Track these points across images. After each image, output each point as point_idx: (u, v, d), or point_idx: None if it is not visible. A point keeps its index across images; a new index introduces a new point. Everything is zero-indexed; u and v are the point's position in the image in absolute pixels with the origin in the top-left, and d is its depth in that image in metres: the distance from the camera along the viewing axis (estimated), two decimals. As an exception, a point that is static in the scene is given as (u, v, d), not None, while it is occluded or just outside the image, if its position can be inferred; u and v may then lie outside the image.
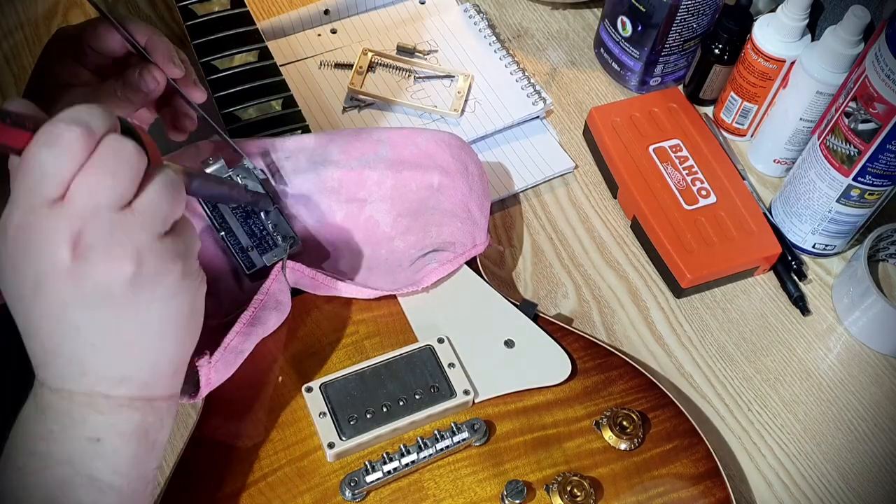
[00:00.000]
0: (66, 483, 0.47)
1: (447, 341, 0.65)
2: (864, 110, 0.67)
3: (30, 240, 0.44)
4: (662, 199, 0.78)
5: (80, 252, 0.44)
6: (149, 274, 0.46)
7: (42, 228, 0.44)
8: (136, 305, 0.46)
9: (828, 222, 0.76)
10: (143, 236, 0.46)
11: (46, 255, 0.44)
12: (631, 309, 0.76)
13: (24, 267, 0.45)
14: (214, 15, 0.77)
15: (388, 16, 0.91)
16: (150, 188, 0.46)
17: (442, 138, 0.71)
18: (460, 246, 0.69)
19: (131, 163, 0.45)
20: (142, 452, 0.50)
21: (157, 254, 0.46)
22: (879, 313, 0.73)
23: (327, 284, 0.65)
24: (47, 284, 0.45)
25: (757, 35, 0.79)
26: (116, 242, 0.45)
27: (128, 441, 0.49)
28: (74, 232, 0.44)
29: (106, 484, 0.48)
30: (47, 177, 0.43)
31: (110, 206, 0.45)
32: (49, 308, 0.45)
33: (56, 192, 0.44)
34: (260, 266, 0.65)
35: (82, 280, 0.45)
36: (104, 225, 0.44)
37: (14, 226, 0.44)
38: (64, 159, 0.43)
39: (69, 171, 0.44)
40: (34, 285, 0.45)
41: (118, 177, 0.44)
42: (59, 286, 0.45)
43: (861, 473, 0.70)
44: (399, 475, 0.59)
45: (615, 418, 0.62)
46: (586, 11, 0.96)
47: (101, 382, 0.48)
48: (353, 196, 0.69)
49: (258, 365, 0.63)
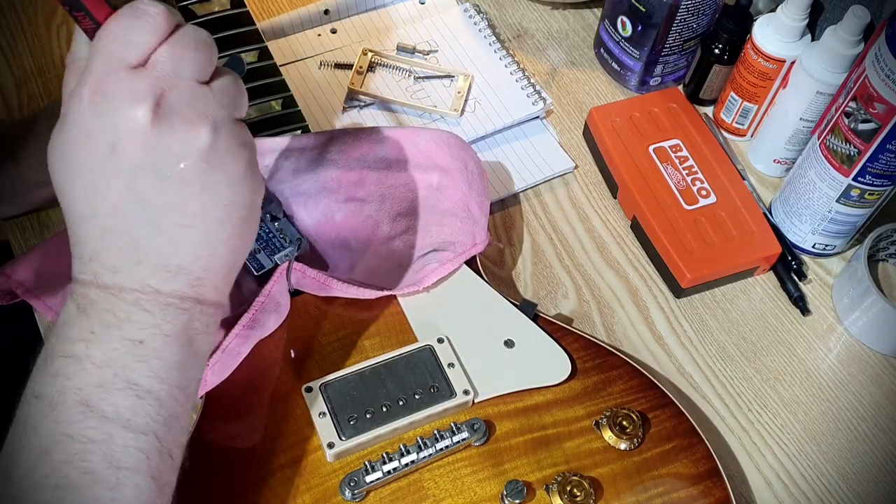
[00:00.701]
0: (104, 386, 0.46)
1: (447, 341, 0.65)
2: (864, 110, 0.67)
3: (108, 101, 0.44)
4: (662, 199, 0.78)
5: (161, 113, 0.44)
6: (223, 149, 0.46)
7: (123, 89, 0.44)
8: (204, 182, 0.46)
9: (828, 222, 0.76)
10: (220, 111, 0.46)
11: (126, 115, 0.44)
12: (631, 309, 0.76)
13: (98, 129, 0.45)
14: (214, 15, 0.77)
15: (388, 16, 0.91)
16: (225, 75, 0.47)
17: (441, 137, 0.71)
18: (461, 245, 0.69)
19: (209, 45, 0.46)
20: (184, 359, 0.49)
21: (231, 132, 0.47)
22: (879, 313, 0.73)
23: (329, 286, 0.65)
24: (123, 146, 0.45)
25: (757, 35, 0.79)
26: (196, 110, 0.45)
27: (171, 345, 0.48)
28: (156, 93, 0.44)
29: (145, 389, 0.47)
30: (131, 44, 0.44)
31: (191, 76, 0.46)
32: (120, 175, 0.45)
33: (137, 60, 0.45)
34: (270, 267, 0.65)
35: (159, 143, 0.45)
36: (185, 92, 0.45)
37: (90, 89, 0.44)
38: (148, 31, 0.45)
39: (152, 43, 0.45)
40: (108, 149, 0.45)
41: (200, 52, 0.46)
42: (136, 148, 0.45)
43: (861, 473, 0.70)
44: (399, 475, 0.59)
45: (615, 418, 0.62)
46: (586, 11, 0.96)
47: (155, 274, 0.47)
48: (352, 196, 0.69)
49: (258, 365, 0.63)
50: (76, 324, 0.47)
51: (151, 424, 0.47)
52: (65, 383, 0.46)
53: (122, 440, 0.46)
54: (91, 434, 0.45)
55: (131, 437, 0.46)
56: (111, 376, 0.46)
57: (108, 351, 0.46)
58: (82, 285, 0.47)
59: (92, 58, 0.45)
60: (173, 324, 0.48)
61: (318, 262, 0.69)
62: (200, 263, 0.48)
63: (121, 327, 0.47)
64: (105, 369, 0.46)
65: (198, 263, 0.48)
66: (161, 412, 0.47)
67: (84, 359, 0.46)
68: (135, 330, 0.47)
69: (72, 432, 0.45)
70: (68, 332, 0.47)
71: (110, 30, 0.45)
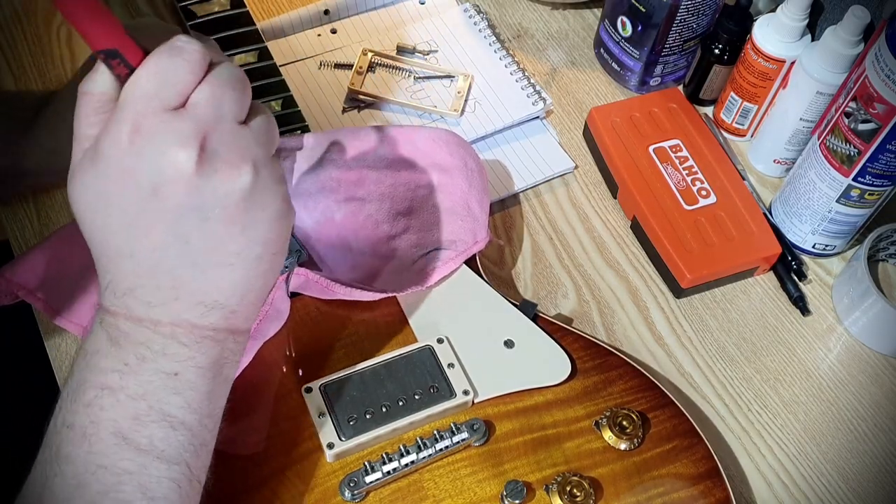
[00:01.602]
0: (139, 418, 0.46)
1: (447, 341, 0.65)
2: (864, 110, 0.67)
3: (151, 142, 0.44)
4: (662, 200, 0.78)
5: (205, 157, 0.44)
6: (263, 188, 0.46)
7: (166, 131, 0.44)
8: (245, 222, 0.46)
9: (828, 222, 0.76)
10: (259, 150, 0.46)
11: (170, 158, 0.44)
12: (631, 309, 0.76)
13: (139, 170, 0.44)
14: (214, 15, 0.77)
15: (388, 16, 0.91)
16: (260, 113, 0.47)
17: (440, 136, 0.72)
18: (462, 243, 0.69)
19: (245, 84, 0.46)
20: (215, 388, 0.49)
21: (270, 171, 0.47)
22: (879, 313, 0.73)
23: (332, 290, 0.65)
24: (167, 188, 0.44)
25: (757, 35, 0.79)
26: (238, 151, 0.45)
27: (204, 375, 0.48)
28: (200, 136, 0.44)
29: (179, 421, 0.47)
30: (169, 84, 0.44)
31: (232, 117, 0.45)
32: (162, 217, 0.45)
33: (177, 101, 0.44)
34: None
35: (204, 186, 0.45)
36: (226, 133, 0.45)
37: (130, 130, 0.44)
38: (187, 70, 0.44)
39: (191, 82, 0.44)
40: (151, 191, 0.44)
41: (238, 91, 0.46)
42: (180, 191, 0.44)
43: (861, 473, 0.70)
44: (399, 475, 0.59)
45: (615, 418, 0.62)
46: (586, 11, 0.96)
47: (192, 309, 0.47)
48: (352, 195, 0.69)
49: (258, 366, 0.63)
50: (109, 354, 0.47)
51: (183, 454, 0.48)
52: (99, 414, 0.46)
53: (156, 471, 0.46)
54: (126, 465, 0.46)
55: (164, 468, 0.47)
56: (146, 408, 0.47)
57: (142, 383, 0.47)
58: (112, 315, 0.47)
59: (128, 96, 0.44)
60: (207, 356, 0.48)
61: (318, 262, 0.69)
62: (237, 298, 0.48)
63: (155, 360, 0.47)
64: (140, 401, 0.47)
65: (234, 298, 0.48)
66: (193, 441, 0.48)
67: (118, 390, 0.46)
68: (169, 362, 0.47)
69: (106, 464, 0.46)
70: (100, 363, 0.47)
71: (149, 69, 0.44)
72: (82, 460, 0.46)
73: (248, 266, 0.48)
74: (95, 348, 0.47)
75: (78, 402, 0.47)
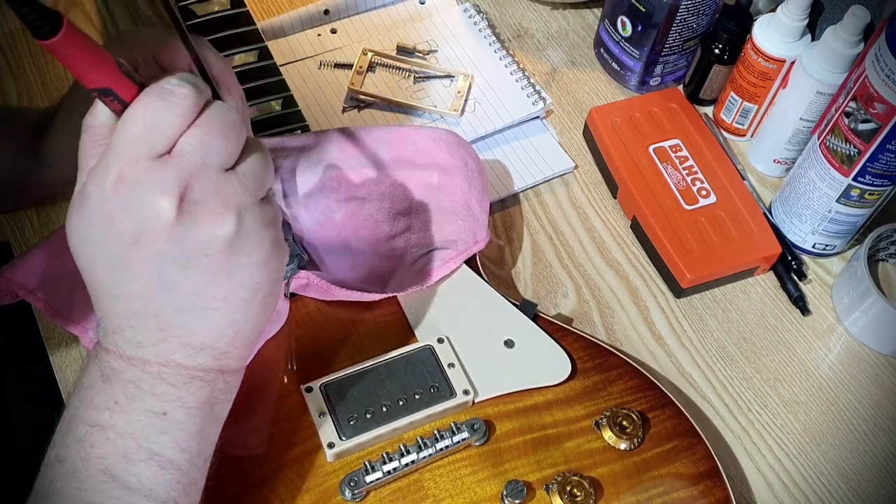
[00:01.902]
0: (127, 457, 0.47)
1: (447, 341, 0.65)
2: (864, 110, 0.67)
3: (133, 191, 0.44)
4: (662, 199, 0.78)
5: (186, 207, 0.44)
6: (247, 235, 0.46)
7: (148, 180, 0.43)
8: (230, 268, 0.46)
9: (828, 222, 0.76)
10: (245, 198, 0.46)
11: (151, 207, 0.44)
12: (631, 309, 0.76)
13: (122, 220, 0.44)
14: (214, 15, 0.77)
15: (388, 16, 0.91)
16: (252, 155, 0.46)
17: (440, 136, 0.72)
18: (462, 243, 0.69)
19: (237, 128, 0.45)
20: (206, 427, 0.49)
21: (256, 216, 0.46)
22: (879, 313, 0.73)
23: (333, 292, 0.65)
24: (147, 237, 0.44)
25: (757, 35, 0.79)
26: (221, 200, 0.45)
27: (193, 416, 0.48)
28: (182, 185, 0.44)
29: (167, 460, 0.47)
30: (157, 129, 0.43)
31: (218, 165, 0.45)
32: (144, 265, 0.45)
33: (163, 146, 0.44)
34: None
35: (185, 235, 0.44)
36: (210, 183, 0.45)
37: (114, 178, 0.44)
38: (176, 114, 0.44)
39: (179, 126, 0.44)
40: (132, 239, 0.44)
41: (227, 138, 0.45)
42: (160, 240, 0.44)
43: (861, 473, 0.70)
44: (399, 475, 0.59)
45: (615, 418, 0.62)
46: (586, 11, 0.96)
47: (180, 350, 0.47)
48: (352, 195, 0.69)
49: (258, 366, 0.63)
50: (101, 391, 0.47)
51: (171, 493, 0.48)
52: (89, 451, 0.47)
53: None
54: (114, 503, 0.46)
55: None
56: (134, 447, 0.47)
57: (131, 422, 0.47)
58: (105, 352, 0.48)
59: (115, 140, 0.44)
60: (196, 396, 0.48)
61: (318, 262, 0.69)
62: (226, 340, 0.48)
63: (144, 399, 0.47)
64: (129, 440, 0.47)
65: (223, 340, 0.48)
66: (181, 480, 0.48)
67: (108, 428, 0.47)
68: (158, 402, 0.47)
69: (95, 501, 0.46)
70: (93, 399, 0.47)
71: (136, 114, 0.44)
72: (72, 496, 0.46)
73: (235, 310, 0.48)
74: (90, 383, 0.48)
75: (70, 437, 0.47)
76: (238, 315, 0.48)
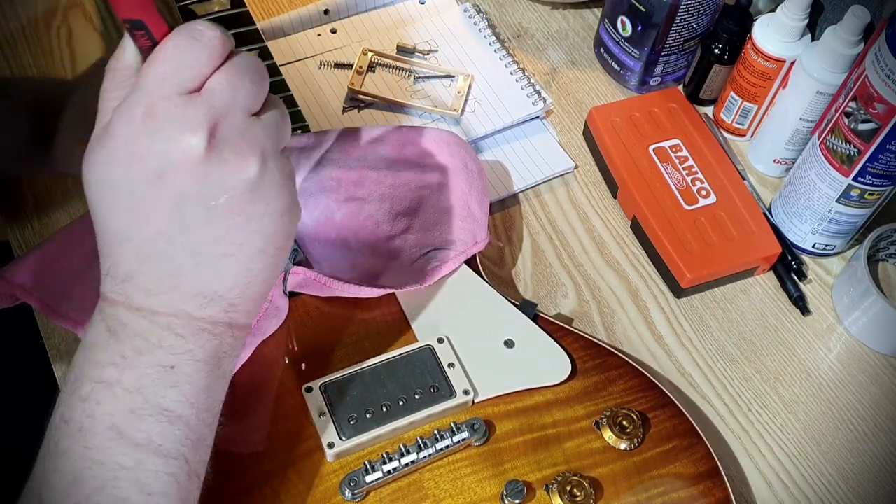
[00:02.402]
0: (135, 412, 0.46)
1: (447, 341, 0.65)
2: (864, 110, 0.67)
3: (162, 125, 0.44)
4: (662, 199, 0.78)
5: (214, 144, 0.44)
6: (269, 181, 0.46)
7: (178, 115, 0.44)
8: (250, 214, 0.46)
9: (828, 222, 0.76)
10: (269, 143, 0.46)
11: (180, 142, 0.44)
12: (631, 309, 0.76)
13: (147, 153, 0.44)
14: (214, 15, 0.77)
15: (388, 16, 0.91)
16: (274, 107, 0.47)
17: (440, 136, 0.72)
18: (461, 244, 0.69)
19: (264, 75, 0.46)
20: (213, 382, 0.49)
21: (279, 164, 0.47)
22: (879, 313, 0.73)
23: (331, 287, 0.65)
24: (172, 174, 0.44)
25: (757, 35, 0.79)
26: (247, 143, 0.45)
27: (201, 370, 0.48)
28: (211, 123, 0.44)
29: (176, 415, 0.47)
30: (187, 67, 0.44)
31: (245, 108, 0.45)
32: (165, 201, 0.45)
33: (193, 84, 0.44)
34: None
35: (210, 173, 0.44)
36: (238, 123, 0.45)
37: (143, 111, 0.44)
38: (205, 54, 0.44)
39: (208, 66, 0.44)
40: (156, 175, 0.44)
41: (255, 83, 0.45)
42: (185, 177, 0.44)
43: (861, 473, 0.70)
44: (399, 475, 0.59)
45: (615, 418, 0.62)
46: (586, 11, 0.96)
47: (190, 299, 0.47)
48: (352, 195, 0.69)
49: (258, 366, 0.63)
50: (106, 347, 0.47)
51: (181, 449, 0.47)
52: (95, 408, 0.46)
53: (153, 466, 0.46)
54: (122, 461, 0.45)
55: (161, 463, 0.46)
56: (142, 402, 0.46)
57: (139, 377, 0.46)
58: (111, 304, 0.47)
59: (145, 77, 0.44)
60: (205, 349, 0.48)
61: (318, 262, 0.69)
62: (237, 291, 0.48)
63: (152, 352, 0.46)
64: (136, 395, 0.46)
65: (234, 291, 0.48)
66: (190, 436, 0.48)
67: (114, 384, 0.46)
68: (166, 355, 0.47)
69: (103, 458, 0.45)
70: (98, 356, 0.47)
71: (167, 50, 0.44)
72: (79, 455, 0.45)
73: (249, 259, 0.47)
74: (94, 340, 0.47)
75: (75, 395, 0.46)
76: (251, 265, 0.48)
